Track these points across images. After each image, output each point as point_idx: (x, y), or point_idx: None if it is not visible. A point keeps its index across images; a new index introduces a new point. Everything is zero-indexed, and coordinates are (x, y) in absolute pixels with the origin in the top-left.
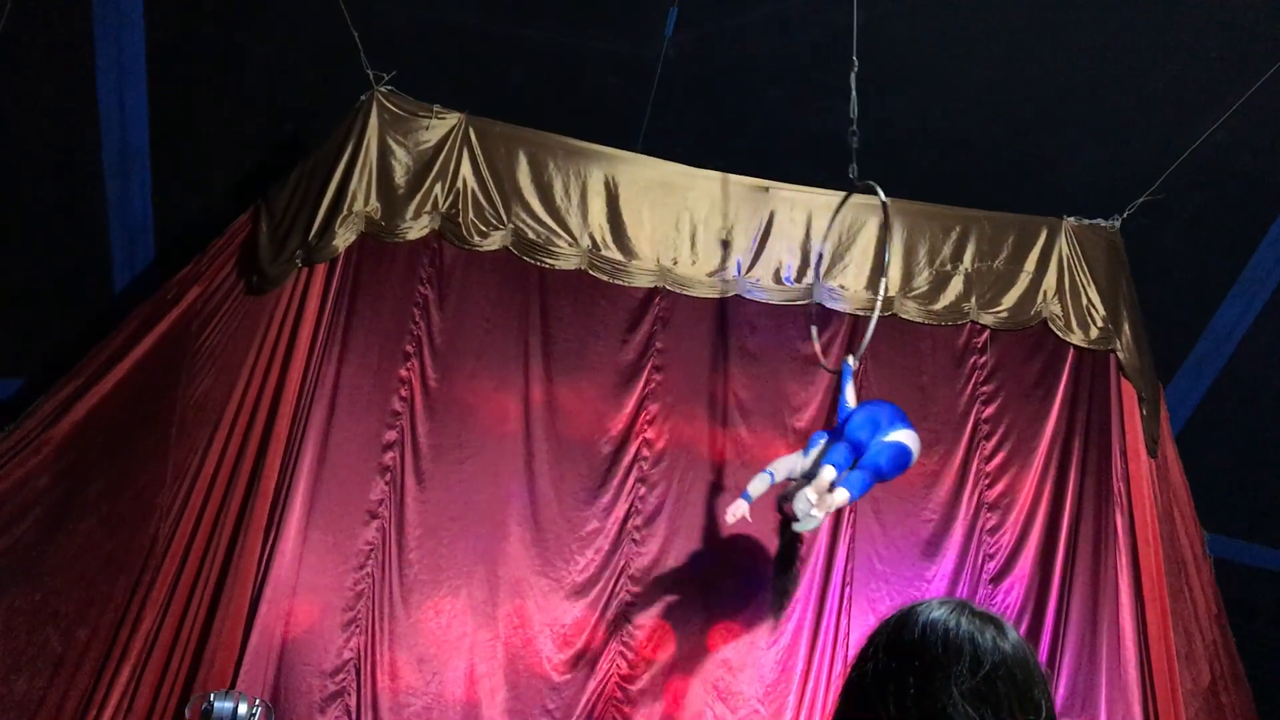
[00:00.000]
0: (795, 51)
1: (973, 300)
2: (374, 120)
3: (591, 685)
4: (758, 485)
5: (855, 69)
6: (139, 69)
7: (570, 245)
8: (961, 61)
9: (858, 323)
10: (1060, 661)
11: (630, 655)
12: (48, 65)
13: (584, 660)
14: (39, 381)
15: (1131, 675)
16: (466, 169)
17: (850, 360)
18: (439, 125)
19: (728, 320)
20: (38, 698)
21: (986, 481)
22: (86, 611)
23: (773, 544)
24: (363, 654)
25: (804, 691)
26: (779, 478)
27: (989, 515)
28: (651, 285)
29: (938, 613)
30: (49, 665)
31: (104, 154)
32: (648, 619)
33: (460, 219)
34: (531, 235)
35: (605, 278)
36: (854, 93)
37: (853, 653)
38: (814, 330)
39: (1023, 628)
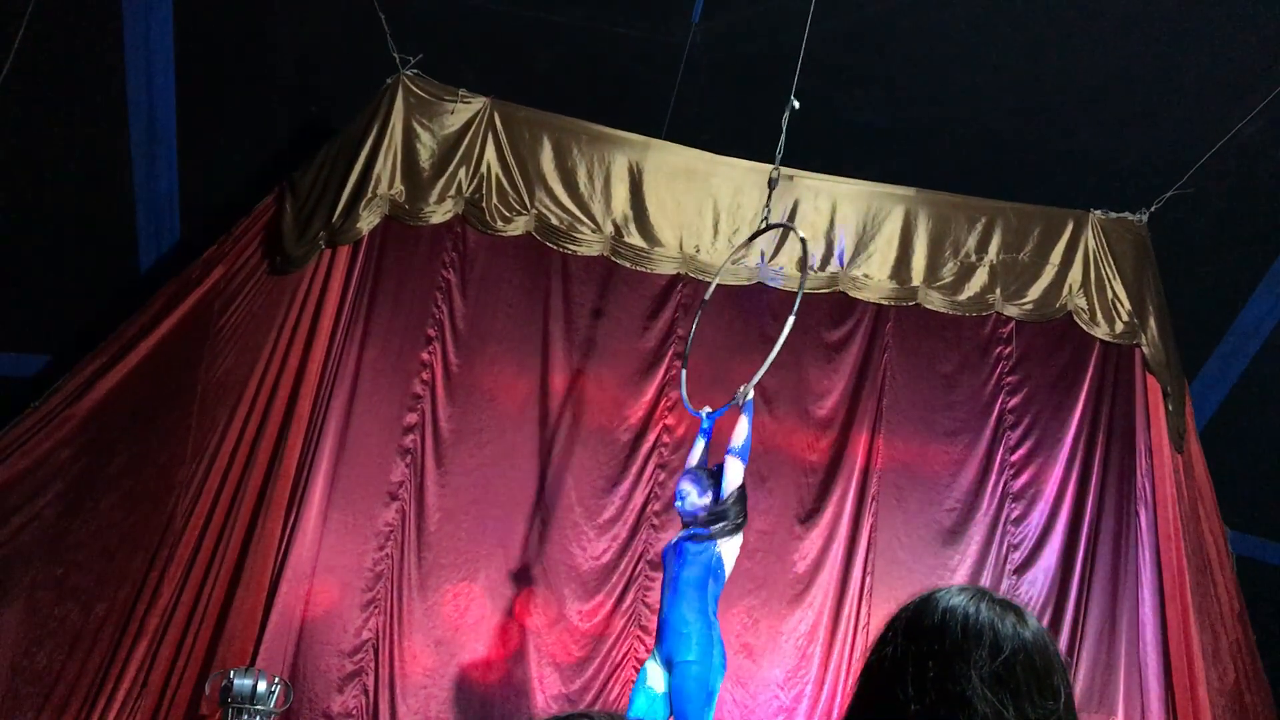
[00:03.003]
0: (822, 39)
1: (998, 292)
2: (399, 103)
3: (608, 669)
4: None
5: (794, 108)
6: (167, 49)
7: (593, 231)
8: (990, 52)
9: (880, 311)
10: (1079, 656)
11: (648, 640)
12: (76, 45)
13: (601, 644)
14: (64, 359)
15: (1152, 671)
16: (491, 153)
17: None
18: (464, 109)
19: (750, 308)
20: (56, 671)
21: (1011, 471)
22: (105, 586)
23: (793, 531)
24: (381, 635)
25: (824, 678)
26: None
27: (1014, 505)
28: (674, 272)
29: (957, 599)
30: (68, 639)
31: (131, 134)
32: None
33: (484, 203)
34: (555, 221)
35: (628, 264)
36: (784, 134)
37: (873, 640)
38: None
39: (1044, 620)
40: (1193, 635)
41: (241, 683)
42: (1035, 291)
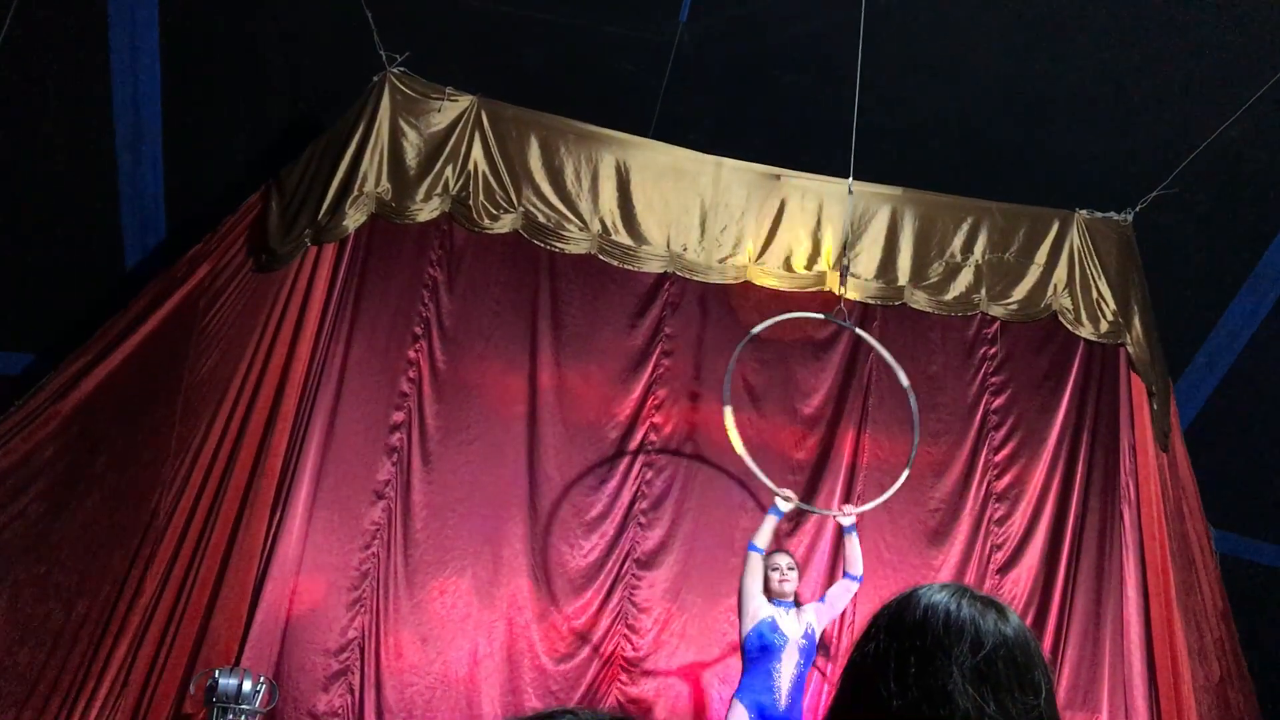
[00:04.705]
0: (810, 38)
1: (983, 292)
2: (386, 101)
3: (595, 666)
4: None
5: (850, 191)
6: (152, 45)
7: (580, 229)
8: (977, 52)
9: (866, 310)
10: (1063, 654)
11: (634, 638)
12: (61, 40)
13: (588, 642)
14: (49, 357)
15: (1136, 669)
16: (478, 151)
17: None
18: (451, 107)
19: (737, 306)
20: (38, 669)
21: (995, 472)
22: (87, 584)
23: (780, 528)
24: (367, 633)
25: (811, 675)
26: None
27: (997, 506)
28: (661, 271)
29: (939, 596)
30: (50, 637)
31: (116, 130)
32: (652, 602)
33: (471, 201)
34: (542, 219)
35: (615, 262)
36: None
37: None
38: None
39: (1028, 619)
40: (1177, 633)
41: (226, 682)
42: (1020, 291)
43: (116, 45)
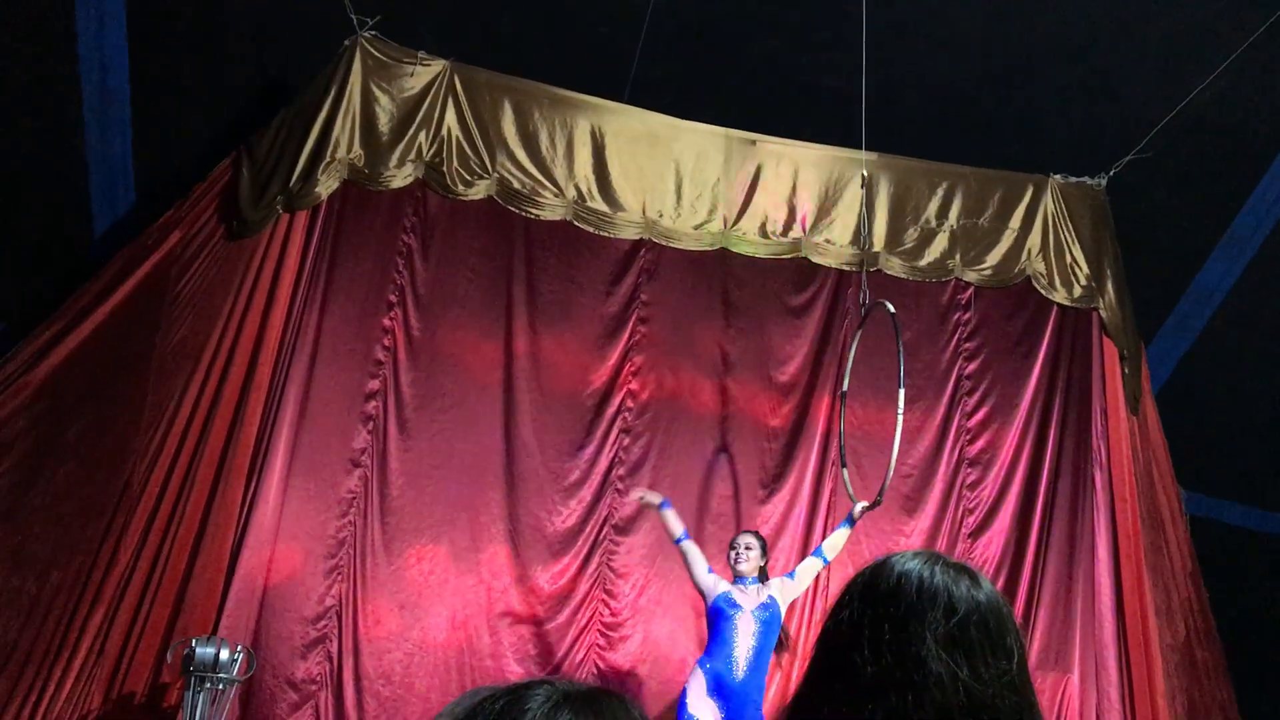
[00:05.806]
0: (786, 3)
1: (957, 257)
2: (358, 66)
3: (573, 631)
4: None
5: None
6: (119, 10)
7: (555, 196)
8: (952, 15)
9: (842, 277)
10: (1035, 616)
11: (613, 602)
12: (26, 6)
13: (566, 607)
14: (19, 326)
15: (1107, 630)
16: (451, 117)
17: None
18: (423, 72)
19: (713, 273)
20: (12, 640)
21: (968, 437)
22: (60, 554)
23: (755, 496)
24: (345, 600)
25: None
26: None
27: (969, 470)
28: (637, 237)
29: (912, 563)
30: (24, 608)
31: (83, 97)
32: (630, 567)
33: (444, 168)
34: (516, 185)
35: (590, 229)
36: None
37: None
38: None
39: (1000, 582)
40: (1146, 594)
41: (204, 651)
42: (995, 257)
43: (82, 10)
